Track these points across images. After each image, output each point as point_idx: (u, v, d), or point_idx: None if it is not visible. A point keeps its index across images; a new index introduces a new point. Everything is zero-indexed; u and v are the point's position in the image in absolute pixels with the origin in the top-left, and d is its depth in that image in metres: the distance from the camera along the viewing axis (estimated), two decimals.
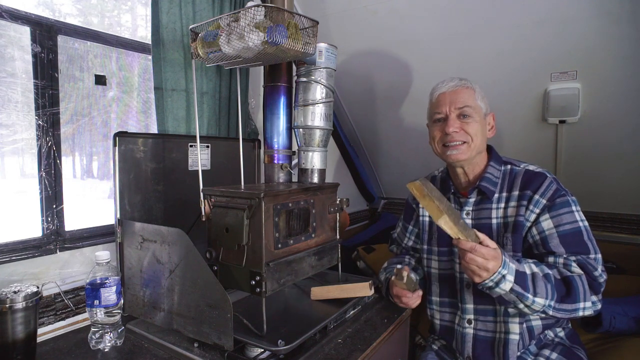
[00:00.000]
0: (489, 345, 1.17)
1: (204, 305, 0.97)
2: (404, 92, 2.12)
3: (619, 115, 1.69)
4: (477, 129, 1.17)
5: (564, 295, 1.01)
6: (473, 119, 1.17)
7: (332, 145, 2.42)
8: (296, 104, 1.28)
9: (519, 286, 0.97)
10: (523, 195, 1.13)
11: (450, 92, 1.20)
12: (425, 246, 1.32)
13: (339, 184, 1.35)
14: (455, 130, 1.17)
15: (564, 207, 1.09)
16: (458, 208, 1.24)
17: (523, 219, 1.12)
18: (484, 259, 0.94)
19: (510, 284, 0.96)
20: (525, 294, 0.97)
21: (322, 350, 1.03)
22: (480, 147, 1.19)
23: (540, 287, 0.98)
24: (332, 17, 1.93)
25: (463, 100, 1.18)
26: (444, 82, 1.23)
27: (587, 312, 1.02)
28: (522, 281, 0.98)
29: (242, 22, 1.03)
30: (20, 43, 1.18)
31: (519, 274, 0.98)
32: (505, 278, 0.96)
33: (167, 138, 1.36)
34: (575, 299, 1.01)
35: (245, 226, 1.01)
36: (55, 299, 1.15)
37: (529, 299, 0.98)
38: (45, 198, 1.20)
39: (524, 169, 1.18)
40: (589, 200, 1.99)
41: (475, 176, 1.23)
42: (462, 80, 1.21)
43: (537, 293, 0.98)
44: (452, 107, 1.18)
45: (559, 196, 1.10)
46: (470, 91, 1.19)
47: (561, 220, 1.08)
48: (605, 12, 1.45)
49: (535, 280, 0.99)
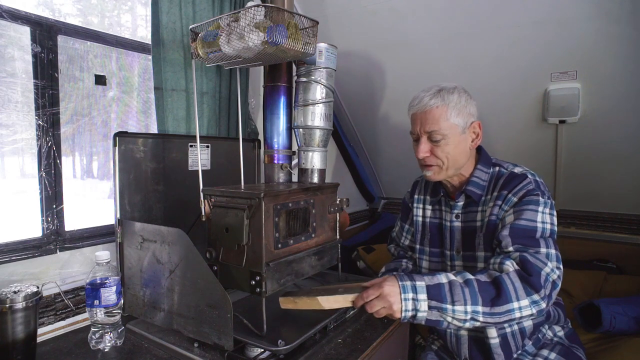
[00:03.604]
0: (485, 347, 1.16)
1: (204, 305, 0.97)
2: (404, 92, 2.11)
3: (619, 115, 1.69)
4: (449, 151, 1.12)
5: (494, 298, 0.91)
6: (444, 141, 1.12)
7: (332, 145, 2.43)
8: (296, 104, 1.28)
9: (434, 301, 0.91)
10: (500, 195, 1.12)
11: (420, 113, 1.14)
12: (418, 245, 1.33)
13: (339, 184, 1.35)
14: (425, 155, 1.15)
15: (530, 205, 1.05)
16: (448, 211, 1.24)
17: (495, 218, 1.11)
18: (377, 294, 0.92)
19: (425, 302, 0.91)
20: (443, 305, 0.90)
21: (322, 350, 1.04)
22: (457, 164, 1.15)
23: (457, 295, 0.91)
24: (332, 17, 1.93)
25: (431, 123, 1.11)
26: (418, 96, 1.16)
27: (525, 311, 0.91)
28: (437, 293, 0.91)
29: (242, 22, 1.03)
30: (20, 43, 1.18)
31: (432, 287, 0.92)
32: (418, 300, 0.91)
33: (167, 138, 1.36)
34: (506, 300, 0.91)
35: (245, 226, 1.01)
36: (55, 299, 1.15)
37: (448, 310, 0.90)
38: (45, 198, 1.20)
39: (510, 171, 1.15)
40: (589, 200, 1.99)
41: (462, 181, 1.22)
42: (434, 96, 1.12)
43: (455, 301, 0.90)
44: (422, 130, 1.14)
45: (530, 194, 1.07)
46: (441, 110, 1.11)
47: (520, 215, 1.04)
48: (605, 12, 1.45)
49: (452, 288, 0.92)
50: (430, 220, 1.31)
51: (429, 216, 1.32)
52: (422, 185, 1.38)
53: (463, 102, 1.13)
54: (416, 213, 1.35)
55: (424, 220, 1.33)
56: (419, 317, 0.92)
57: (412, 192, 1.40)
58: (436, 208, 1.30)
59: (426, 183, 1.37)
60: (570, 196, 2.02)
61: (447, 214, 1.25)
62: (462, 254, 1.20)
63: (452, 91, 1.13)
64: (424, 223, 1.33)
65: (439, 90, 1.13)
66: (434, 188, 1.32)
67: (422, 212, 1.34)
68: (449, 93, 1.12)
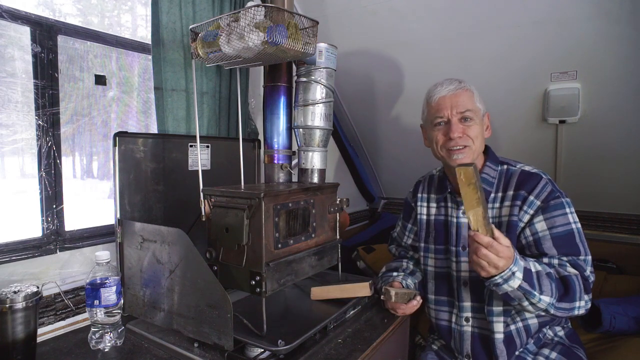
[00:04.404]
0: (487, 343, 1.17)
1: (204, 305, 0.97)
2: (404, 92, 2.12)
3: (619, 115, 1.69)
4: (478, 132, 1.17)
5: (563, 294, 1.01)
6: (474, 122, 1.17)
7: (332, 145, 2.42)
8: (296, 104, 1.28)
9: (526, 283, 0.96)
10: (517, 195, 1.13)
11: (451, 95, 1.18)
12: (422, 244, 1.33)
13: (339, 184, 1.35)
14: (459, 136, 1.16)
15: (558, 209, 1.10)
16: (455, 207, 1.25)
17: (516, 219, 1.12)
18: (497, 257, 0.93)
19: (519, 281, 0.96)
20: (533, 292, 0.97)
21: (322, 350, 1.03)
22: (480, 148, 1.20)
23: (545, 285, 0.99)
24: (332, 17, 1.93)
25: (464, 104, 1.17)
26: (442, 84, 1.21)
27: (580, 311, 1.04)
28: (529, 279, 0.97)
29: (242, 22, 1.03)
30: (20, 43, 1.18)
31: (526, 272, 0.97)
32: (514, 275, 0.95)
33: (167, 138, 1.36)
34: (572, 298, 1.02)
35: (245, 226, 1.01)
36: (55, 299, 1.15)
37: (535, 297, 0.97)
38: (45, 198, 1.20)
39: (520, 169, 1.18)
40: (589, 200, 1.99)
41: None
42: (460, 82, 1.20)
43: (543, 291, 0.98)
44: (453, 111, 1.17)
45: (553, 198, 1.10)
46: (470, 93, 1.19)
47: (554, 223, 1.09)
48: (605, 12, 1.45)
49: (540, 278, 0.99)
50: (435, 218, 1.31)
51: (433, 214, 1.32)
52: (426, 183, 1.38)
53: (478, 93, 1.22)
54: (420, 211, 1.35)
55: (429, 218, 1.33)
56: (502, 287, 0.97)
57: (415, 191, 1.40)
58: (441, 205, 1.30)
59: (430, 181, 1.37)
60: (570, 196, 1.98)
61: (453, 210, 1.25)
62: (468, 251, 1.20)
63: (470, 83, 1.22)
64: (428, 221, 1.33)
65: (459, 80, 1.21)
66: (439, 185, 1.32)
67: (427, 210, 1.34)
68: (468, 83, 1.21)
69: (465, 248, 1.20)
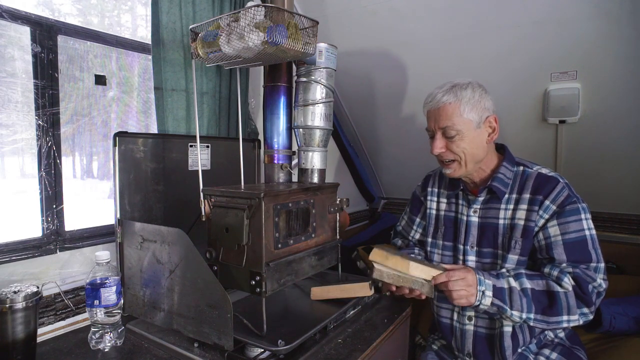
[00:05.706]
0: (489, 342, 1.17)
1: (204, 305, 0.97)
2: (404, 92, 2.12)
3: (619, 115, 1.69)
4: (465, 146, 1.14)
5: (546, 307, 1.04)
6: (459, 137, 1.13)
7: (332, 145, 2.42)
8: (296, 104, 1.28)
9: (498, 300, 1.04)
10: (534, 200, 1.12)
11: (434, 109, 1.16)
12: (430, 239, 1.32)
13: (339, 184, 1.35)
14: (440, 151, 1.16)
15: (573, 215, 1.09)
16: (466, 205, 1.24)
17: (533, 224, 1.12)
18: (462, 279, 1.04)
19: (490, 298, 1.04)
20: (504, 307, 1.04)
21: (322, 350, 1.04)
22: (475, 158, 1.16)
23: (515, 302, 1.04)
24: (332, 17, 1.93)
25: (444, 119, 1.13)
26: (433, 93, 1.17)
27: (572, 322, 1.05)
28: (500, 295, 1.05)
29: (242, 22, 1.03)
30: (20, 43, 1.18)
31: (496, 289, 1.05)
32: (485, 294, 1.04)
33: (167, 138, 1.36)
34: (557, 313, 1.03)
35: (245, 226, 1.01)
36: (55, 299, 1.15)
37: (507, 312, 1.04)
38: (45, 198, 1.20)
39: (537, 171, 1.16)
40: (589, 200, 1.96)
41: (482, 178, 1.22)
42: (447, 93, 1.14)
43: (514, 307, 1.04)
44: (436, 126, 1.16)
45: (569, 203, 1.09)
46: (454, 107, 1.12)
47: (568, 228, 1.08)
48: (605, 12, 1.45)
49: (512, 295, 1.05)
50: (445, 214, 1.30)
51: (443, 209, 1.31)
52: (437, 178, 1.37)
53: (477, 97, 1.13)
54: (430, 206, 1.34)
55: (438, 213, 1.32)
56: (480, 308, 1.07)
57: (425, 185, 1.39)
58: (452, 201, 1.29)
59: (441, 176, 1.36)
60: None
61: (463, 208, 1.24)
62: (476, 250, 1.20)
63: (466, 87, 1.14)
64: (437, 216, 1.32)
65: (452, 87, 1.15)
66: (452, 181, 1.30)
67: (437, 205, 1.33)
68: (462, 89, 1.13)
69: (474, 247, 1.20)
